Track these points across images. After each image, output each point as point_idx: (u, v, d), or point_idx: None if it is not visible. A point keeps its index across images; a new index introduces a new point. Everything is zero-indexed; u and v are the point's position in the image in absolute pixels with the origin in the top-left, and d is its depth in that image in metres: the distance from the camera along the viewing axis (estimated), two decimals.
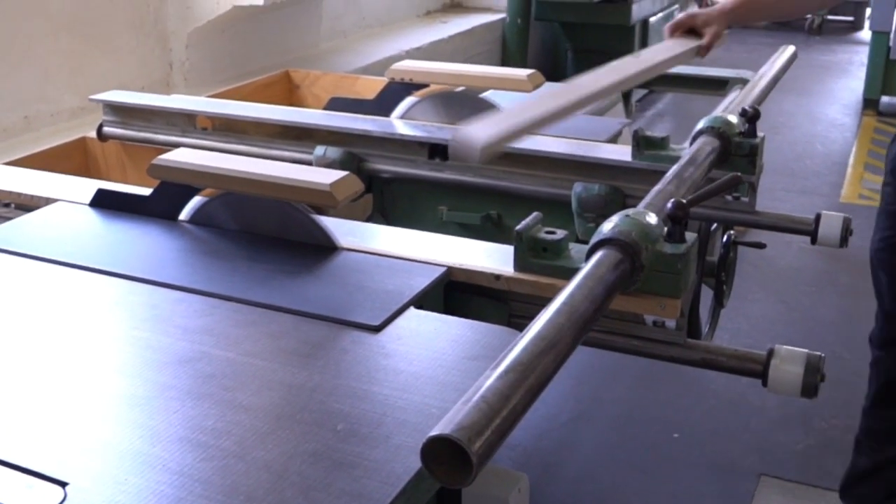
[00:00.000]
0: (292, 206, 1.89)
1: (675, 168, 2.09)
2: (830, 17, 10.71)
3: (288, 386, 1.40)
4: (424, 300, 1.67)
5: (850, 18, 10.88)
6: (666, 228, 1.55)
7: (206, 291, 1.71)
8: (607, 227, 1.50)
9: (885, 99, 7.23)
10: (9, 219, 2.11)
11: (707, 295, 2.55)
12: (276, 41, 4.82)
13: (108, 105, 3.09)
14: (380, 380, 1.42)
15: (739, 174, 1.93)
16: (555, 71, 6.35)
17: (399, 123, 2.77)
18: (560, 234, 1.72)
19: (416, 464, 1.21)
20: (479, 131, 1.74)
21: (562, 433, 3.38)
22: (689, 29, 2.65)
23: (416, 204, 2.68)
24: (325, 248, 1.89)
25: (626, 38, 6.26)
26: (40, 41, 3.76)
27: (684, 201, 1.56)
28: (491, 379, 1.12)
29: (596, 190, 2.49)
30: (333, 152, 2.67)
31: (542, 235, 1.72)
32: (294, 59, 4.84)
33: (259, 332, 1.57)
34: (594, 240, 1.50)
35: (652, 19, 6.70)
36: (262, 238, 1.92)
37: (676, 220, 1.54)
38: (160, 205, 2.04)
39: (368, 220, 2.64)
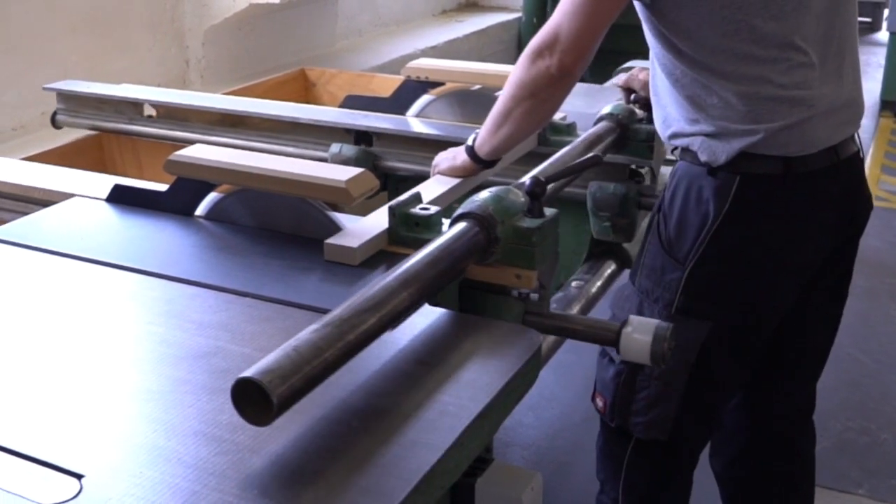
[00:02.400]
0: (308, 202, 1.90)
1: (562, 150, 2.21)
2: None
3: None
4: (440, 297, 1.67)
5: (868, 20, 10.85)
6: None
7: (221, 287, 1.72)
8: (472, 201, 1.64)
9: None
10: (24, 213, 2.13)
11: None
12: (292, 39, 4.84)
13: (61, 94, 3.18)
14: (394, 376, 1.42)
15: (599, 155, 2.09)
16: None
17: (415, 121, 2.78)
18: (433, 209, 1.82)
19: (430, 459, 1.22)
20: (354, 238, 1.83)
21: (575, 433, 3.38)
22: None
23: None
24: None
25: (640, 37, 6.24)
26: (59, 39, 3.78)
27: (542, 178, 1.69)
28: (307, 331, 1.23)
29: (611, 189, 2.50)
30: (349, 150, 2.68)
31: (415, 211, 1.81)
32: (310, 57, 4.86)
33: (274, 328, 1.57)
34: (455, 213, 1.64)
35: None
36: (277, 234, 1.92)
37: (534, 195, 1.67)
38: (176, 201, 2.04)
39: None
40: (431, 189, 2.19)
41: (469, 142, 2.25)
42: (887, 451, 3.34)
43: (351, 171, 1.87)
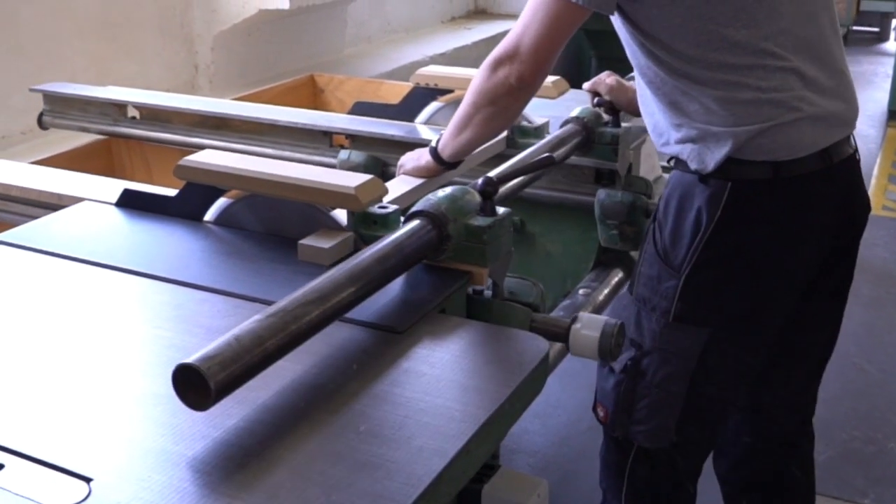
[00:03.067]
0: (316, 208, 1.90)
1: (524, 153, 2.25)
2: (856, 27, 10.67)
3: (311, 387, 1.41)
4: (448, 305, 1.67)
5: (876, 30, 10.84)
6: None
7: (229, 292, 1.72)
8: (425, 201, 1.69)
9: None
10: (33, 217, 2.13)
11: None
12: (302, 45, 4.85)
13: (47, 95, 3.21)
14: (402, 382, 1.42)
15: (552, 155, 2.09)
16: (578, 78, 6.35)
17: (423, 128, 2.78)
18: (391, 208, 1.84)
19: (437, 465, 1.22)
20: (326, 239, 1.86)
21: (581, 441, 3.39)
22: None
23: None
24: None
25: None
26: (68, 43, 3.79)
27: (494, 178, 1.73)
28: (250, 321, 1.27)
29: (619, 197, 2.51)
30: (357, 156, 2.68)
31: (374, 210, 1.84)
32: (319, 63, 4.87)
33: None
34: (410, 211, 1.68)
35: None
36: (285, 240, 1.92)
37: (486, 195, 1.71)
38: (185, 205, 2.05)
39: None
40: (394, 188, 2.22)
41: (433, 143, 2.29)
42: (893, 460, 3.33)
43: (360, 178, 1.87)
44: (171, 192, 2.10)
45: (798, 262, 2.04)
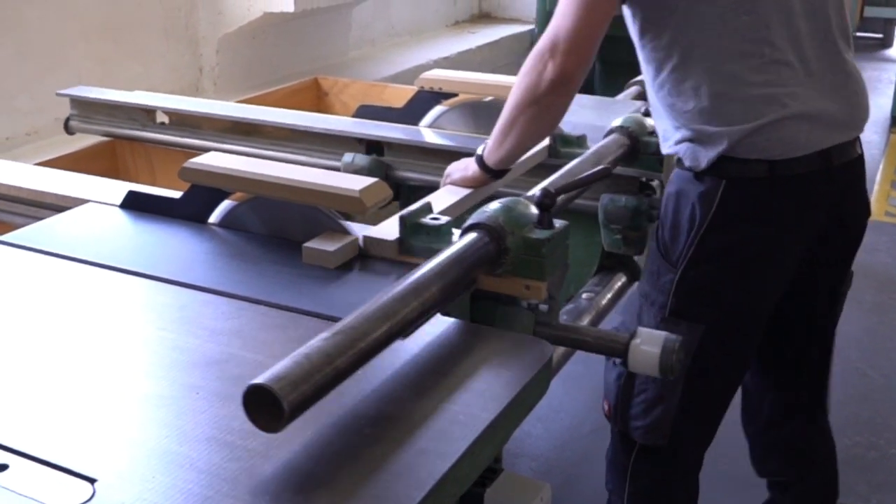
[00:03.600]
0: (321, 211, 1.91)
1: (572, 163, 2.22)
2: (859, 33, 10.65)
3: None
4: (451, 308, 1.67)
5: (880, 35, 10.83)
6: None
7: (234, 294, 1.72)
8: (482, 212, 1.64)
9: None
10: (38, 219, 2.14)
11: None
12: (306, 48, 4.85)
13: (74, 100, 3.19)
14: (406, 385, 1.43)
15: (609, 167, 2.09)
16: (583, 83, 6.34)
17: (428, 132, 2.78)
18: (443, 220, 1.82)
19: (441, 468, 1.22)
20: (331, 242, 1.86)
21: (584, 444, 3.39)
22: None
23: None
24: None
25: None
26: (73, 45, 3.80)
27: (552, 190, 1.69)
28: (318, 339, 1.23)
29: (622, 202, 2.51)
30: (362, 159, 2.69)
31: (426, 221, 1.82)
32: (323, 66, 4.87)
33: (287, 336, 1.58)
34: (466, 223, 1.64)
35: None
36: (290, 242, 1.93)
37: (544, 207, 1.67)
38: (190, 207, 2.05)
39: None
40: (442, 199, 2.20)
41: (479, 151, 2.27)
42: (895, 465, 3.33)
43: (364, 181, 1.88)
44: (176, 194, 2.10)
45: (790, 261, 2.07)
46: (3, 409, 1.38)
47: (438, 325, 1.59)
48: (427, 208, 1.87)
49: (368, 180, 1.88)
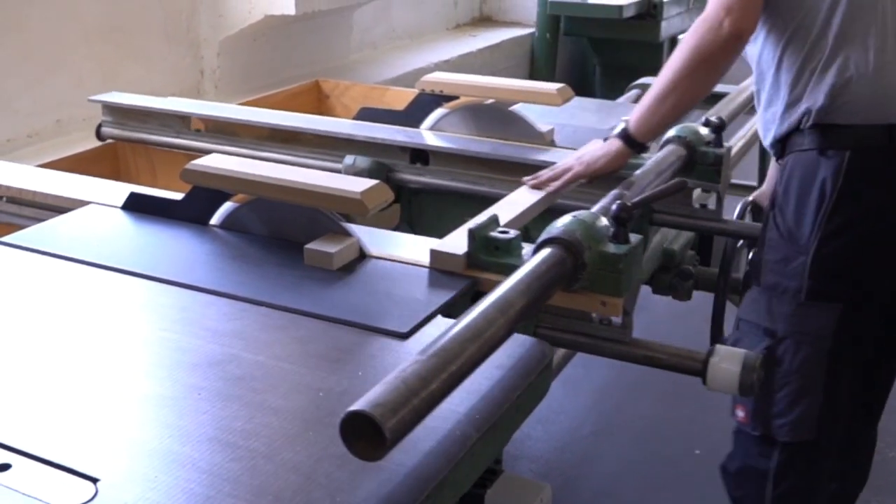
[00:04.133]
0: (322, 213, 1.91)
1: (636, 173, 2.20)
2: None
3: (316, 390, 1.42)
4: (452, 309, 1.68)
5: None
6: (612, 230, 1.63)
7: (235, 295, 1.73)
8: (555, 226, 1.59)
9: None
10: (40, 220, 2.14)
11: (731, 311, 2.55)
12: (307, 51, 4.85)
13: (107, 106, 3.16)
14: None
15: (685, 180, 2.06)
16: (582, 86, 6.36)
17: (429, 134, 2.79)
18: (513, 233, 1.78)
19: (442, 468, 1.23)
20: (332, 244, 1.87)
21: (584, 446, 3.39)
22: None
23: (444, 215, 2.69)
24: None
25: (654, 54, 6.25)
26: (74, 47, 3.80)
27: (629, 203, 1.64)
28: (413, 362, 1.18)
29: None
30: (363, 161, 2.69)
31: (495, 234, 1.78)
32: (324, 69, 4.87)
33: (288, 337, 1.59)
34: (541, 238, 1.59)
35: (681, 36, 6.67)
36: (291, 244, 1.93)
37: (620, 221, 1.62)
38: (191, 209, 2.06)
39: (395, 230, 2.66)
40: (506, 210, 2.13)
41: (619, 129, 2.29)
42: (894, 469, 3.33)
43: (366, 183, 1.88)
44: (177, 195, 2.11)
45: None
46: (7, 408, 1.38)
47: (440, 327, 1.59)
48: (494, 221, 1.84)
49: (370, 182, 1.89)
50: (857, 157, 2.02)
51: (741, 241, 2.57)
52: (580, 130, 2.63)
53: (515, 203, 2.22)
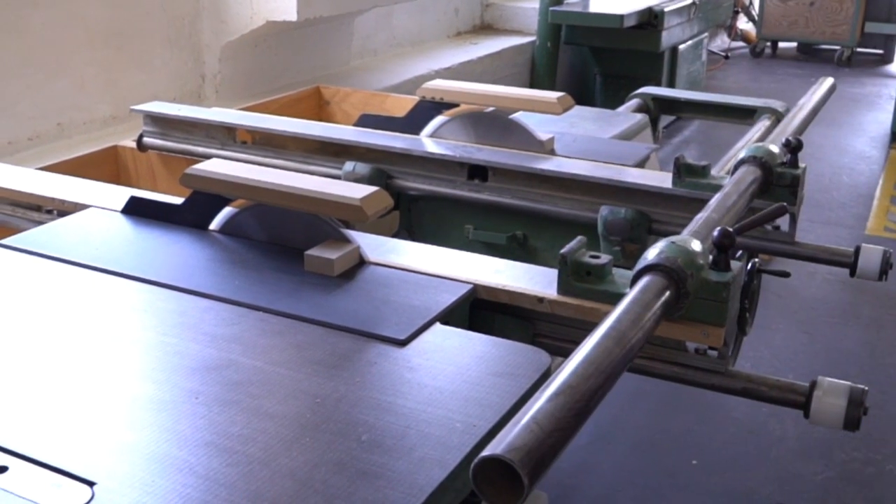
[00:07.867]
0: (321, 219, 1.91)
1: (718, 196, 2.08)
2: (860, 49, 10.67)
3: (314, 396, 1.42)
4: (450, 316, 1.68)
5: (881, 51, 10.84)
6: (711, 256, 1.55)
7: (234, 300, 1.73)
8: (653, 253, 1.51)
9: None
10: (42, 223, 2.14)
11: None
12: (308, 57, 4.86)
13: (149, 116, 3.13)
14: (404, 392, 1.43)
15: (785, 204, 1.93)
16: (583, 95, 6.37)
17: (429, 142, 2.79)
18: (604, 258, 1.72)
19: (438, 476, 1.23)
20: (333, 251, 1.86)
21: (581, 455, 3.38)
22: None
23: (443, 222, 2.70)
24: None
25: (655, 64, 6.27)
26: (77, 51, 3.81)
27: (731, 229, 1.56)
28: (541, 401, 1.12)
29: (622, 214, 2.51)
30: (362, 168, 2.69)
31: (587, 259, 1.72)
32: (325, 75, 4.88)
33: (286, 342, 1.59)
34: (640, 265, 1.51)
35: (681, 47, 6.71)
36: (290, 250, 1.93)
37: (722, 248, 1.54)
38: (191, 214, 2.06)
39: (394, 236, 2.66)
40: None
41: None
42: (892, 481, 3.33)
43: (365, 190, 1.88)
44: (177, 200, 2.11)
45: None
46: (4, 411, 1.38)
47: (437, 334, 1.59)
48: (583, 244, 1.77)
49: (370, 189, 1.89)
50: None
51: (739, 252, 2.55)
52: (580, 139, 2.63)
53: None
